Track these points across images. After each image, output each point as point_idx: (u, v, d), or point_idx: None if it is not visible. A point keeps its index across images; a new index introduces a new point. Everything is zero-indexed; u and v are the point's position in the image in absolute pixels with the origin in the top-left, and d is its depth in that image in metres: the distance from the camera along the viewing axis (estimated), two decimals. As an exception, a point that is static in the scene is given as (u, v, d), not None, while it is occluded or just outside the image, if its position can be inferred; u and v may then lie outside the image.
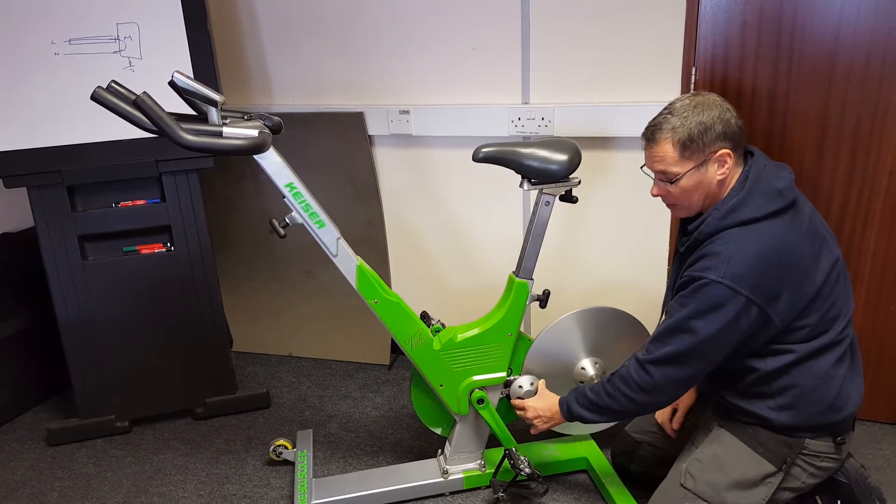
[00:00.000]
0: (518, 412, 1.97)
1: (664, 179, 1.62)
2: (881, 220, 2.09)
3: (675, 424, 1.95)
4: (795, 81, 2.05)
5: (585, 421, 1.80)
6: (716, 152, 1.56)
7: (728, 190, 1.61)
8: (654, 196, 1.68)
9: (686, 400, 1.96)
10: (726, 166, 1.58)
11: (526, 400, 1.95)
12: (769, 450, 1.65)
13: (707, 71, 2.13)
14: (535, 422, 1.91)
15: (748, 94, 2.10)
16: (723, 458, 1.69)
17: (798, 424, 1.63)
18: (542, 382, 1.99)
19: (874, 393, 2.27)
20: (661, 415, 1.99)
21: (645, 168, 1.67)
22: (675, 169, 1.59)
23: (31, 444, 2.48)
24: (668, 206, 1.70)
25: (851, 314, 1.65)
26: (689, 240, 1.65)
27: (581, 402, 1.78)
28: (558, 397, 1.87)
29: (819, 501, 1.77)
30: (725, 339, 1.55)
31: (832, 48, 1.99)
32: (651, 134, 1.61)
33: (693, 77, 2.15)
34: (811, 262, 1.56)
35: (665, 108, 1.62)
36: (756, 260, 1.51)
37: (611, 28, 2.21)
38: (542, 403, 1.91)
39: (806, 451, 1.65)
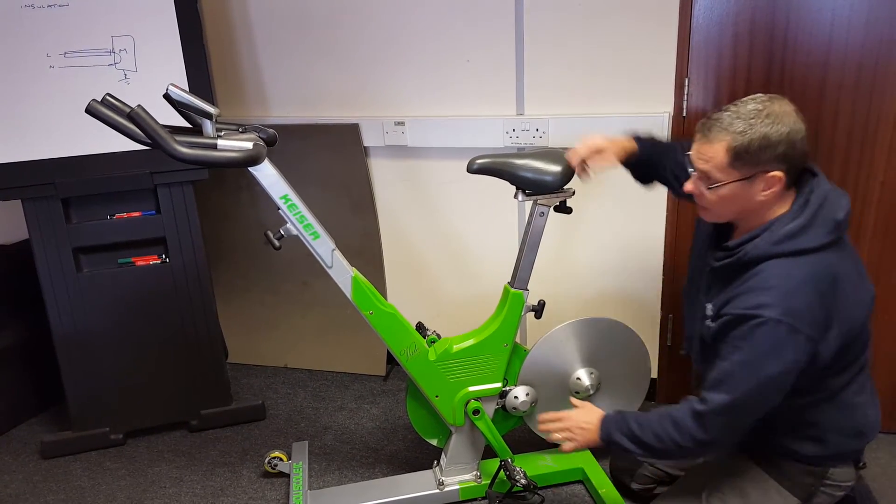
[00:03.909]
0: (549, 426, 1.75)
1: (703, 180, 1.50)
2: (874, 230, 2.10)
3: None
4: (788, 92, 2.06)
5: (621, 449, 1.63)
6: (767, 172, 1.43)
7: (772, 211, 1.49)
8: (687, 192, 1.55)
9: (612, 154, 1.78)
10: (772, 190, 1.45)
11: (567, 411, 1.75)
12: (795, 483, 1.62)
13: (700, 82, 2.15)
14: (575, 433, 1.69)
15: (741, 105, 2.11)
16: (747, 490, 1.66)
17: (824, 455, 1.60)
18: (574, 399, 1.82)
19: (869, 402, 2.27)
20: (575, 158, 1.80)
21: (687, 159, 1.54)
22: (719, 175, 1.45)
23: (24, 457, 2.47)
24: (698, 206, 1.59)
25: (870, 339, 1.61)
26: (729, 258, 1.52)
27: (623, 431, 1.61)
28: (602, 412, 1.69)
29: None
30: (785, 380, 1.45)
31: (824, 59, 2.00)
32: (708, 129, 1.45)
33: (686, 88, 2.16)
34: (857, 293, 1.49)
35: (734, 104, 1.45)
36: (814, 295, 1.41)
37: (605, 40, 2.22)
38: (583, 416, 1.70)
39: (829, 482, 1.62)
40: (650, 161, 1.82)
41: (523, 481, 1.96)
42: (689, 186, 1.54)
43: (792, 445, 1.61)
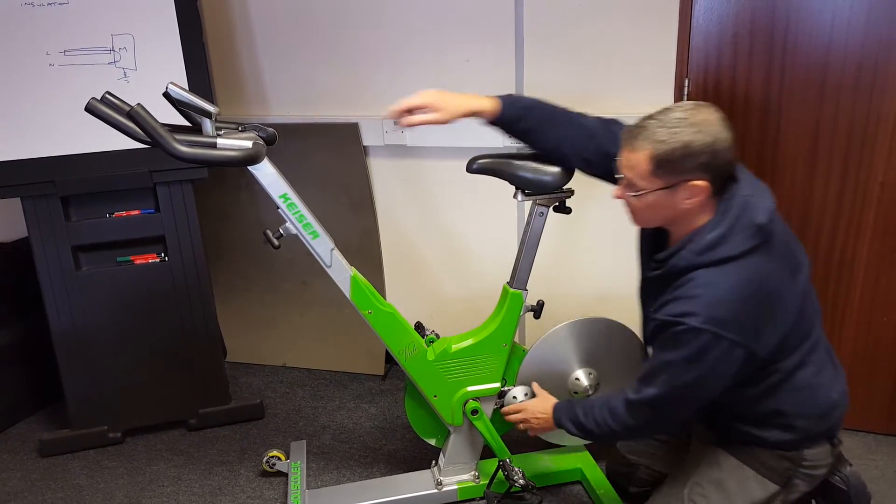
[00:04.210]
0: (511, 417, 1.93)
1: (628, 188, 1.51)
2: (873, 230, 2.10)
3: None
4: (787, 92, 2.07)
5: (570, 433, 1.76)
6: (690, 180, 1.42)
7: (699, 219, 1.49)
8: (615, 198, 1.56)
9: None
10: (697, 199, 1.45)
11: (524, 402, 1.92)
12: (771, 468, 1.63)
13: (700, 82, 2.15)
14: (532, 422, 1.86)
15: (740, 105, 2.12)
16: (725, 482, 1.66)
17: (794, 439, 1.60)
18: (535, 385, 1.95)
19: (868, 404, 2.27)
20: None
21: (615, 165, 1.53)
22: (642, 183, 1.46)
23: (23, 455, 2.46)
24: (627, 211, 1.59)
25: (820, 315, 1.61)
26: (658, 269, 1.55)
27: (570, 417, 1.74)
28: (556, 400, 1.83)
29: None
30: (713, 383, 1.49)
31: (823, 59, 2.00)
32: (633, 137, 1.46)
33: (686, 88, 2.16)
34: (789, 289, 1.50)
35: (659, 112, 1.46)
36: (739, 301, 1.42)
37: (604, 40, 2.22)
38: (539, 405, 1.86)
39: (806, 463, 1.62)
40: (544, 135, 1.73)
41: (522, 481, 1.96)
42: (616, 193, 1.55)
43: (760, 433, 1.61)
